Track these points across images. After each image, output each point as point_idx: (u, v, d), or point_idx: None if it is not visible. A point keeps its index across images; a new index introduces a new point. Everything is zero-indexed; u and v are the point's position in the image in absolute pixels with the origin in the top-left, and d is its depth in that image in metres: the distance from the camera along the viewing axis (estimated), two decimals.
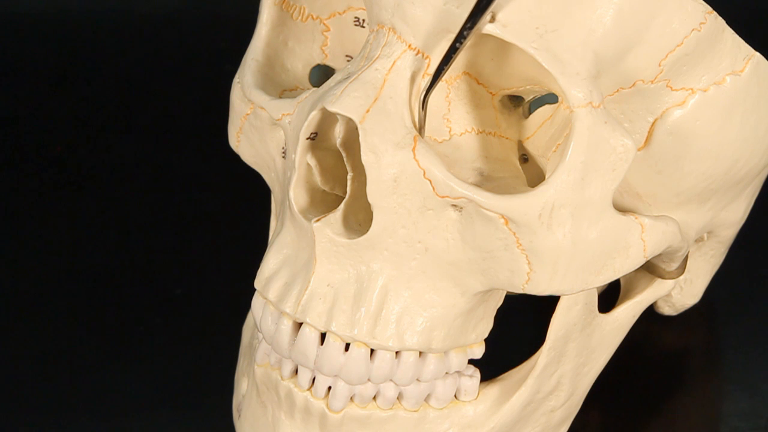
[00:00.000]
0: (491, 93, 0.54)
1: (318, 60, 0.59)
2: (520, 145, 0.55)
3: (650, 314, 0.65)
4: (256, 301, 0.54)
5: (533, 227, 0.49)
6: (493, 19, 0.48)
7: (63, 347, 0.66)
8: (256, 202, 0.67)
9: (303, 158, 0.52)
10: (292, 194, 0.52)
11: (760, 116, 0.53)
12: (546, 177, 0.51)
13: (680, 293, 0.64)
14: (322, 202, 0.53)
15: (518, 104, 0.55)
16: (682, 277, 0.62)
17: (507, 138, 0.54)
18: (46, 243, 0.74)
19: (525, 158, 0.55)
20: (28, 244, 0.74)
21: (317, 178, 0.53)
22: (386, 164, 0.50)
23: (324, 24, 0.58)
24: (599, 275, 0.51)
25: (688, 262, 0.61)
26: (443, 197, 0.50)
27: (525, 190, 0.50)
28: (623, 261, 0.52)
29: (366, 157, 0.50)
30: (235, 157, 0.59)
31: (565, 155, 0.49)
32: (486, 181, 0.52)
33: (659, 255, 0.56)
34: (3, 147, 0.83)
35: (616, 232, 0.51)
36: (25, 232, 0.75)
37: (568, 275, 0.51)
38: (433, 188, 0.50)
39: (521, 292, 0.51)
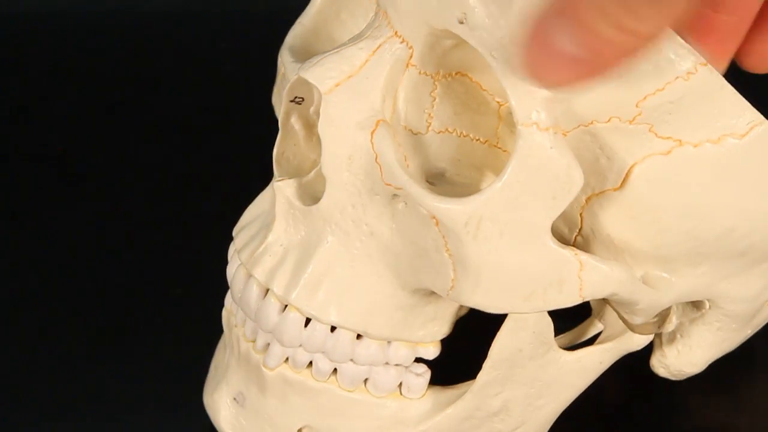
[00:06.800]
0: (498, 102, 0.53)
1: None
2: None
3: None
4: (231, 247, 0.56)
5: (459, 234, 0.48)
6: (462, 21, 0.48)
7: (62, 347, 0.66)
8: None
9: (286, 119, 0.54)
10: (274, 152, 0.54)
11: None
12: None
13: (677, 357, 0.60)
14: (312, 170, 0.55)
15: None
16: (680, 341, 0.59)
17: (505, 151, 0.53)
18: (46, 243, 0.74)
19: None
20: (28, 244, 0.74)
21: (301, 144, 0.54)
22: (343, 140, 0.50)
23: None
24: (527, 301, 0.50)
25: (689, 329, 0.58)
26: (387, 185, 0.50)
27: (461, 196, 0.49)
28: (555, 295, 0.50)
29: (323, 128, 0.50)
30: (235, 157, 0.59)
31: (504, 171, 0.48)
32: (441, 183, 0.52)
33: (619, 303, 0.54)
34: (3, 147, 0.83)
35: (548, 263, 0.49)
36: (25, 231, 0.75)
37: (491, 291, 0.49)
38: (381, 174, 0.50)
39: (447, 297, 0.51)
